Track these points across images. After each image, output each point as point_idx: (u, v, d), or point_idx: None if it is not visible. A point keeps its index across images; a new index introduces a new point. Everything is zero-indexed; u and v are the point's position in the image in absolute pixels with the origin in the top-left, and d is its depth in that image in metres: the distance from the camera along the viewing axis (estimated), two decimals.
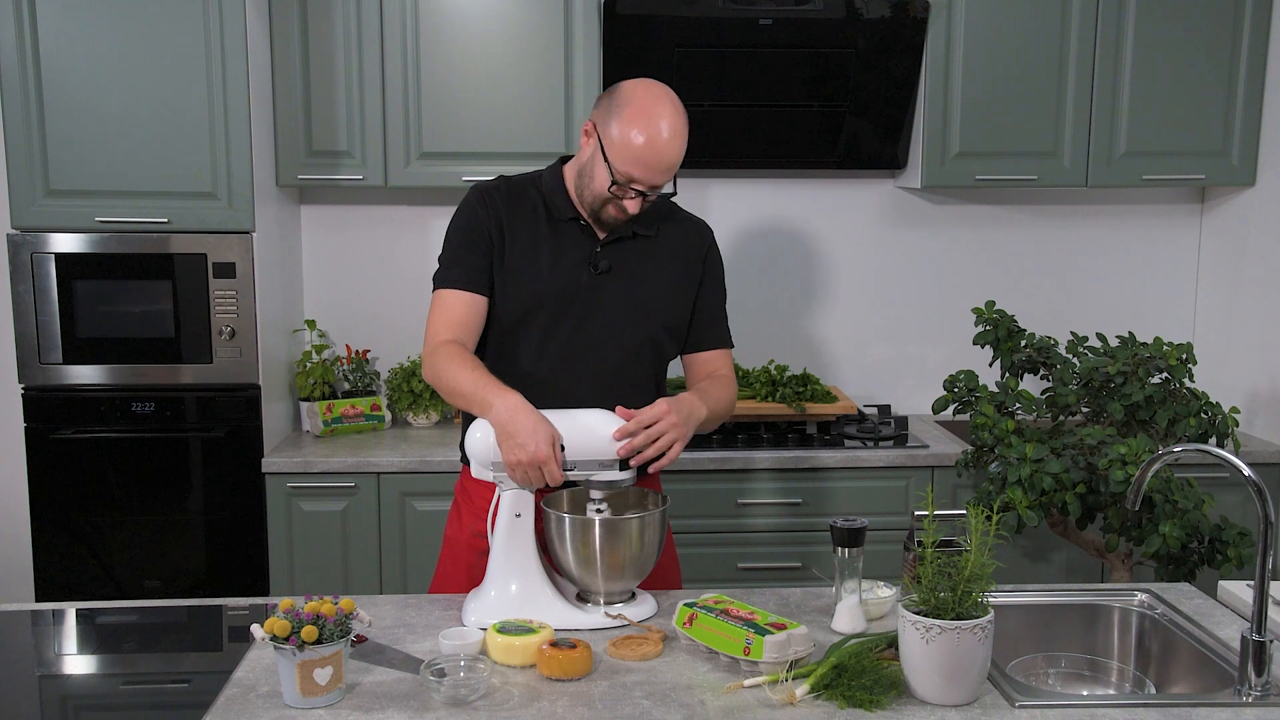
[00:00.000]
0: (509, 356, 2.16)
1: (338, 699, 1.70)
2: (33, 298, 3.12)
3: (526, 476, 1.92)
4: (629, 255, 2.18)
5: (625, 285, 2.17)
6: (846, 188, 3.75)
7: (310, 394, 3.49)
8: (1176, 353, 2.84)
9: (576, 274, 2.15)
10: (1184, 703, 1.71)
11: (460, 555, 2.22)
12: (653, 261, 2.20)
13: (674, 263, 2.22)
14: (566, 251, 2.15)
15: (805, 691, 1.70)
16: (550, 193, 2.18)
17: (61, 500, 3.18)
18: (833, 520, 1.97)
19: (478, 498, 2.19)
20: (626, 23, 3.23)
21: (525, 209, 2.17)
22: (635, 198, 2.07)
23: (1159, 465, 1.86)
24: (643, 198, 2.07)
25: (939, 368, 3.65)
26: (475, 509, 2.19)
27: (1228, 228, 3.68)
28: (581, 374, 2.14)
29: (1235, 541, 2.63)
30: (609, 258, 2.16)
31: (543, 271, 2.14)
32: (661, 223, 2.23)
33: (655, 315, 2.19)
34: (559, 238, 2.16)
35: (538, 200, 2.18)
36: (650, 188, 2.06)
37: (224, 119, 3.09)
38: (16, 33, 3.03)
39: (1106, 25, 3.39)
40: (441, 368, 2.06)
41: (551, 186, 2.19)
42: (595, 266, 2.15)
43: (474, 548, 2.17)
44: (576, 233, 2.16)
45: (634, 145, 2.01)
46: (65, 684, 1.92)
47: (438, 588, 2.25)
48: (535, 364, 2.14)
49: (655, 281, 2.19)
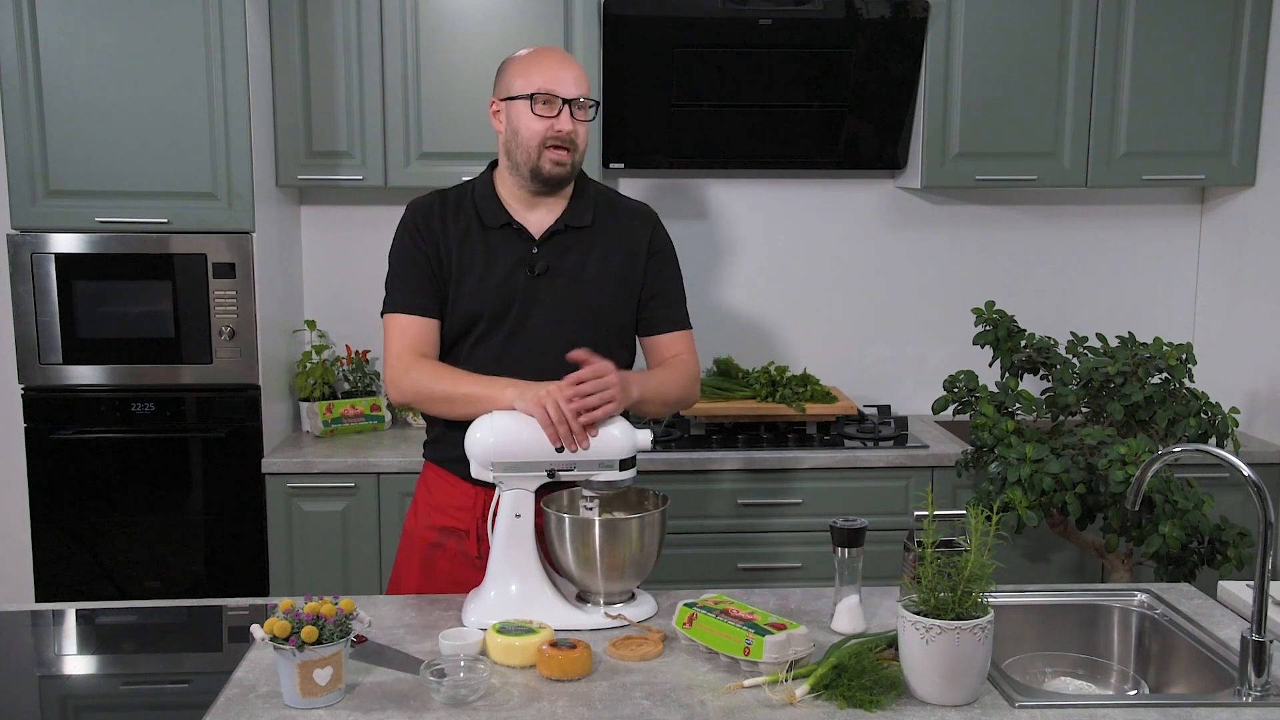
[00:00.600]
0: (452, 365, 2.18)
1: (338, 699, 1.70)
2: (33, 298, 3.12)
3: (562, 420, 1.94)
4: (566, 252, 2.17)
5: (563, 285, 2.16)
6: (846, 188, 3.74)
7: (310, 394, 3.49)
8: (1176, 353, 2.84)
9: (513, 279, 2.15)
10: (1184, 703, 1.71)
11: (414, 548, 2.26)
12: (591, 256, 2.19)
13: (615, 254, 2.20)
14: (502, 257, 2.16)
15: (805, 692, 1.70)
16: (481, 200, 2.19)
17: (61, 500, 3.18)
18: (833, 520, 1.97)
19: (437, 491, 2.23)
20: (626, 23, 3.23)
21: (460, 220, 2.18)
22: (560, 111, 2.09)
23: (1159, 465, 1.86)
24: (569, 112, 2.10)
25: (939, 368, 3.65)
26: (434, 502, 2.23)
27: (1228, 228, 3.68)
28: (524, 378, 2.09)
29: (1235, 542, 2.63)
30: (545, 258, 2.16)
31: (480, 281, 2.15)
32: (599, 213, 2.22)
33: (595, 312, 2.18)
34: (493, 245, 2.17)
35: (471, 210, 2.19)
36: (568, 96, 2.10)
37: (224, 119, 3.09)
38: (16, 33, 3.03)
39: (1106, 25, 3.39)
40: (428, 380, 2.10)
41: (482, 194, 2.20)
42: (532, 269, 2.15)
43: (426, 540, 2.22)
44: (511, 237, 2.17)
45: (532, 68, 2.11)
46: (65, 684, 1.92)
47: (393, 582, 2.30)
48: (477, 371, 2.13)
49: (595, 277, 2.18)
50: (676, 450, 3.24)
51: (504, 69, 2.17)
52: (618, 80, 3.32)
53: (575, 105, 2.11)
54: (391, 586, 2.30)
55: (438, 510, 2.22)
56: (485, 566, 2.06)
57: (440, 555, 2.21)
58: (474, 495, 2.16)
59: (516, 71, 2.13)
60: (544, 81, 2.09)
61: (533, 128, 2.10)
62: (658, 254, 2.25)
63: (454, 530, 2.19)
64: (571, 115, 2.11)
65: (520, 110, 2.11)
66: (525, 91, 2.10)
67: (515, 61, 2.15)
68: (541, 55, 2.14)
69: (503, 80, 2.16)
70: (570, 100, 2.10)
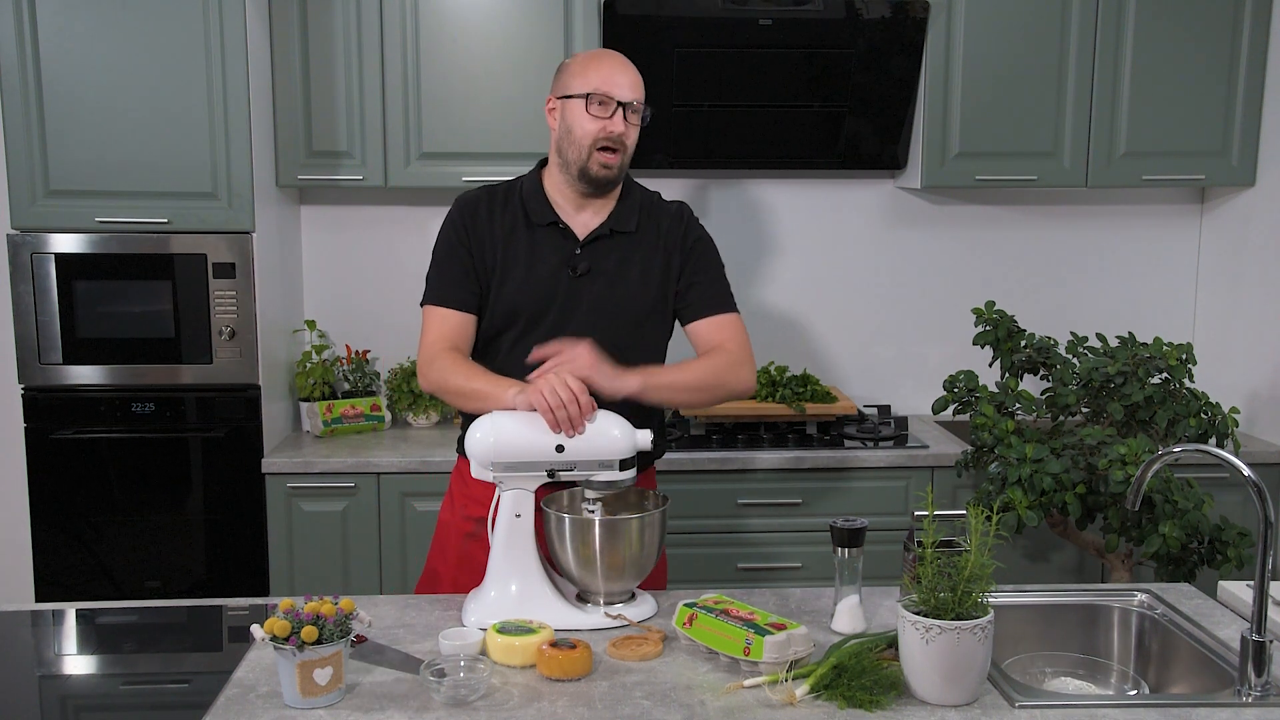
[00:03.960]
0: (489, 363, 2.19)
1: (338, 699, 1.70)
2: (33, 298, 3.12)
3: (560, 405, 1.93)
4: (608, 255, 2.20)
5: (603, 286, 2.18)
6: (846, 188, 3.74)
7: (310, 394, 3.49)
8: (1176, 353, 2.84)
9: (555, 278, 2.18)
10: (1184, 703, 1.71)
11: (450, 539, 2.28)
12: (633, 258, 2.21)
13: (655, 255, 2.23)
14: (545, 256, 2.18)
15: (805, 692, 1.70)
16: (529, 198, 2.22)
17: (61, 500, 3.18)
18: (833, 520, 1.97)
19: (473, 484, 2.21)
20: (626, 23, 3.23)
21: (505, 217, 2.21)
22: (614, 112, 2.12)
23: (1159, 465, 1.86)
24: (622, 114, 2.13)
25: (939, 368, 3.65)
26: (470, 494, 2.23)
27: (1228, 228, 3.68)
28: None
29: (1235, 542, 2.63)
30: (588, 259, 2.19)
31: (522, 278, 2.17)
32: (643, 219, 2.24)
33: (633, 316, 2.20)
34: (537, 243, 2.19)
35: (518, 207, 2.22)
36: (623, 99, 2.12)
37: (224, 119, 3.09)
38: (16, 33, 3.02)
39: (1106, 25, 3.39)
40: (447, 372, 2.12)
41: (530, 191, 2.23)
42: (574, 269, 2.17)
43: (463, 530, 2.24)
44: (555, 236, 2.19)
45: (592, 69, 2.14)
46: (65, 684, 1.92)
47: (429, 572, 2.32)
48: (513, 369, 2.14)
49: (635, 279, 2.20)
50: (676, 450, 3.24)
51: (563, 68, 2.21)
52: None
53: (629, 109, 2.14)
54: (426, 578, 2.32)
55: (473, 501, 2.22)
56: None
57: (476, 546, 2.20)
58: None
59: (575, 71, 2.16)
60: (601, 82, 2.12)
61: (586, 127, 2.13)
62: (694, 244, 2.27)
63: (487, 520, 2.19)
64: (625, 118, 2.14)
65: (575, 109, 2.14)
66: (582, 91, 2.13)
67: (575, 61, 2.19)
68: (602, 57, 2.17)
69: (561, 79, 2.19)
70: (625, 104, 2.13)
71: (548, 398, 1.93)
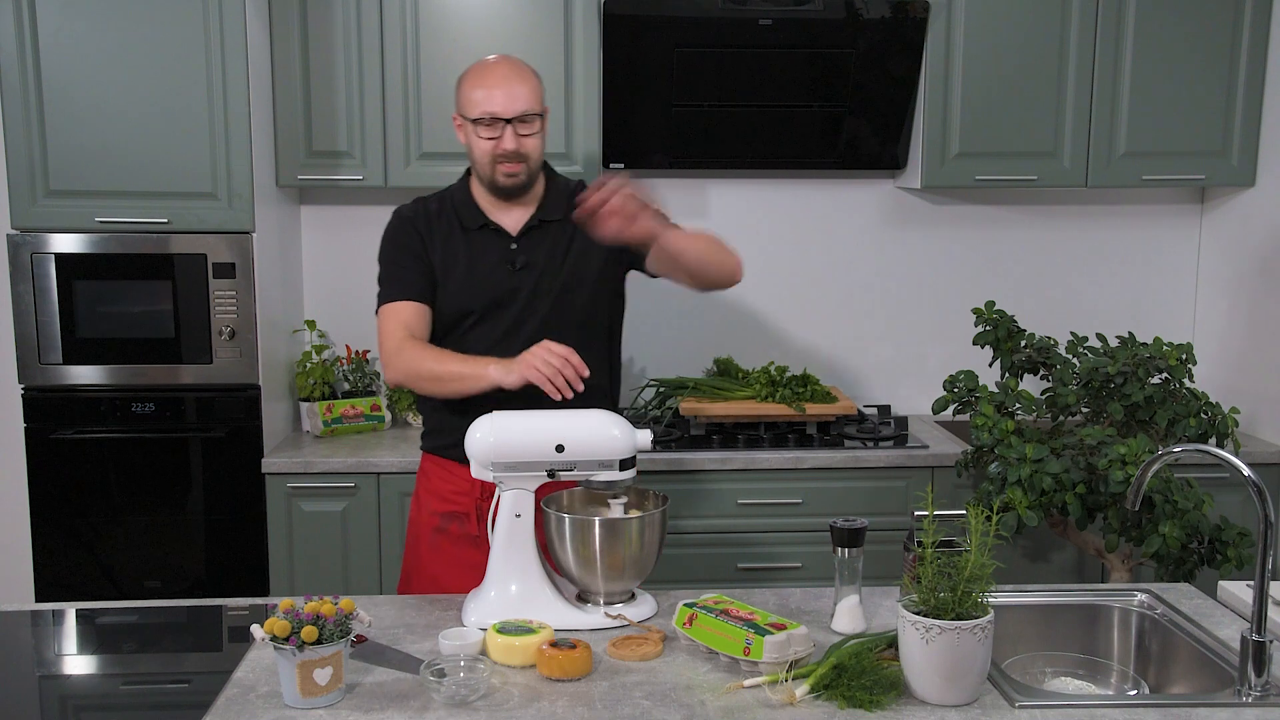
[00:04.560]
0: None
1: (338, 699, 1.70)
2: (33, 298, 3.12)
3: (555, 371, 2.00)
4: (542, 244, 2.27)
5: (542, 275, 2.25)
6: (846, 188, 3.74)
7: (310, 394, 3.49)
8: (1176, 353, 2.84)
9: (496, 275, 2.25)
10: (1184, 703, 1.71)
11: (421, 535, 2.35)
12: (566, 243, 2.27)
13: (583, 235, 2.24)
14: (484, 256, 2.26)
15: (805, 692, 1.70)
16: (460, 205, 2.30)
17: (61, 500, 3.18)
18: (833, 520, 1.97)
19: (436, 479, 2.33)
20: (626, 23, 3.23)
21: (442, 225, 2.29)
22: (503, 131, 2.16)
23: (1159, 465, 1.86)
24: (513, 130, 2.16)
25: (939, 368, 3.65)
26: (433, 489, 2.32)
27: (1228, 228, 3.68)
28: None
29: (1235, 542, 2.63)
30: (524, 253, 2.26)
31: (464, 280, 2.25)
32: (567, 204, 2.28)
33: (576, 294, 2.27)
34: (474, 246, 2.27)
35: (451, 215, 2.30)
36: (511, 115, 2.16)
37: (224, 119, 3.09)
38: (16, 33, 3.02)
39: (1106, 25, 3.39)
40: (417, 359, 2.17)
41: (461, 199, 2.31)
42: (513, 264, 2.25)
43: (430, 526, 2.31)
44: (490, 237, 2.27)
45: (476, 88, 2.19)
46: (65, 684, 1.92)
47: (404, 572, 2.39)
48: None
49: (572, 262, 2.27)
50: (676, 450, 3.24)
51: (458, 85, 2.25)
52: (618, 80, 3.32)
53: (519, 122, 2.18)
54: (402, 579, 2.37)
55: (438, 498, 2.31)
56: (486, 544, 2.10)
57: (444, 539, 2.29)
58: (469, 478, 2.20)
59: (463, 92, 2.23)
60: (484, 105, 2.17)
61: (482, 148, 2.21)
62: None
63: (455, 514, 2.29)
64: (516, 133, 2.18)
65: (469, 131, 2.22)
66: (470, 115, 2.20)
67: (464, 80, 2.23)
68: (484, 74, 2.20)
69: (458, 98, 2.25)
70: (512, 119, 2.17)
71: (541, 368, 1.99)
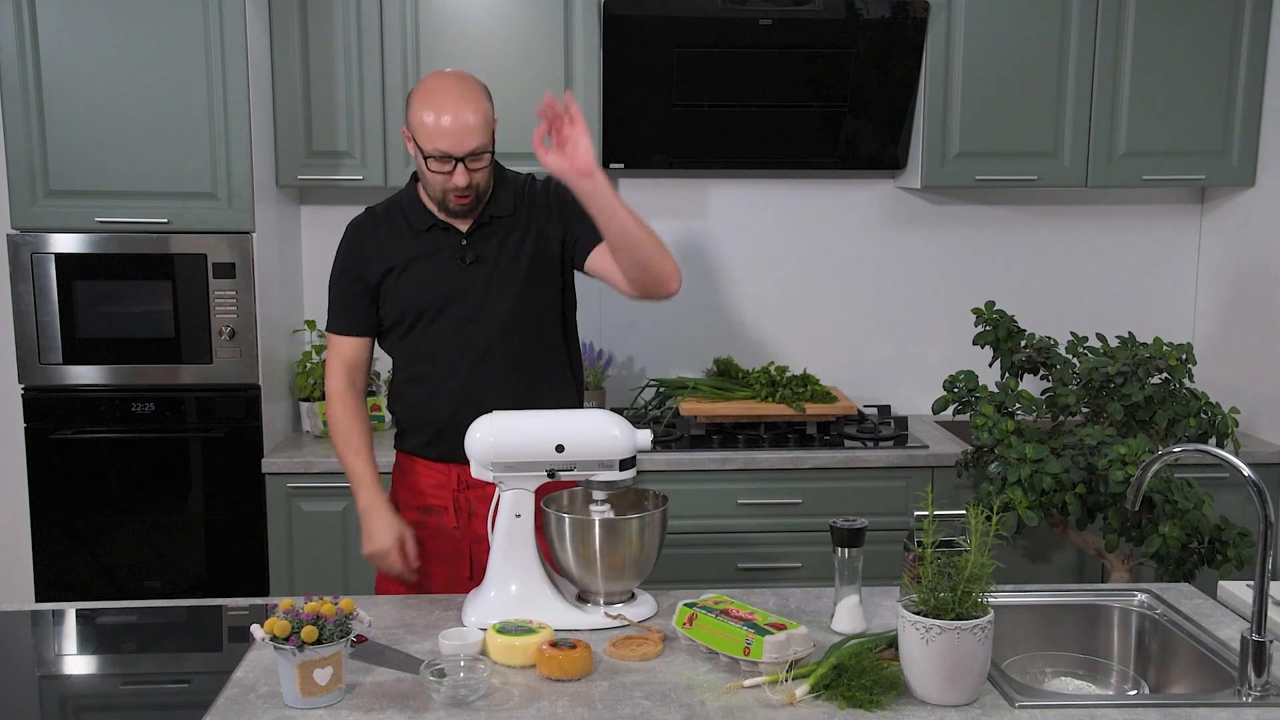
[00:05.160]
0: (401, 360, 2.35)
1: (338, 699, 1.70)
2: (33, 298, 3.12)
3: (381, 563, 2.21)
4: (491, 239, 2.28)
5: (493, 269, 2.27)
6: (846, 188, 3.74)
7: (310, 394, 3.49)
8: (1176, 353, 2.84)
9: (447, 270, 2.27)
10: (1184, 703, 1.71)
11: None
12: (515, 236, 2.28)
13: (534, 228, 2.29)
14: (434, 255, 2.28)
15: (805, 692, 1.70)
16: (409, 209, 2.31)
17: (61, 500, 3.18)
18: (833, 520, 1.97)
19: (411, 476, 2.36)
20: (626, 23, 3.23)
21: (392, 230, 2.31)
22: (454, 168, 2.15)
23: (1159, 465, 1.86)
24: (463, 166, 2.15)
25: (939, 368, 3.65)
26: (409, 485, 2.36)
27: (1228, 228, 3.68)
28: (466, 358, 2.26)
29: (1235, 541, 2.63)
30: (475, 249, 2.27)
31: (416, 277, 2.28)
32: (518, 200, 2.30)
33: (526, 288, 2.27)
34: (425, 244, 2.28)
35: (400, 219, 2.31)
36: (462, 154, 2.14)
37: (224, 119, 3.09)
38: (16, 33, 3.02)
39: (1106, 25, 3.39)
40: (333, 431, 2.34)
41: (408, 202, 2.32)
42: (464, 259, 2.26)
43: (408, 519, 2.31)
44: (439, 236, 2.29)
45: (429, 121, 2.13)
46: (65, 684, 1.92)
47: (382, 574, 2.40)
48: (423, 359, 2.30)
49: (522, 256, 2.28)
50: (676, 450, 3.24)
51: (410, 104, 2.19)
52: (618, 80, 3.32)
53: (470, 158, 2.16)
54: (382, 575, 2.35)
55: (415, 493, 2.35)
56: (464, 536, 2.25)
57: (422, 532, 2.31)
58: (444, 471, 2.31)
59: (415, 114, 2.16)
60: (435, 142, 2.14)
61: (433, 179, 2.20)
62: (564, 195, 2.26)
63: (433, 508, 2.32)
64: (467, 168, 2.17)
65: (420, 157, 2.20)
66: (423, 147, 2.16)
67: (416, 102, 2.17)
68: (435, 109, 2.13)
69: (409, 116, 2.19)
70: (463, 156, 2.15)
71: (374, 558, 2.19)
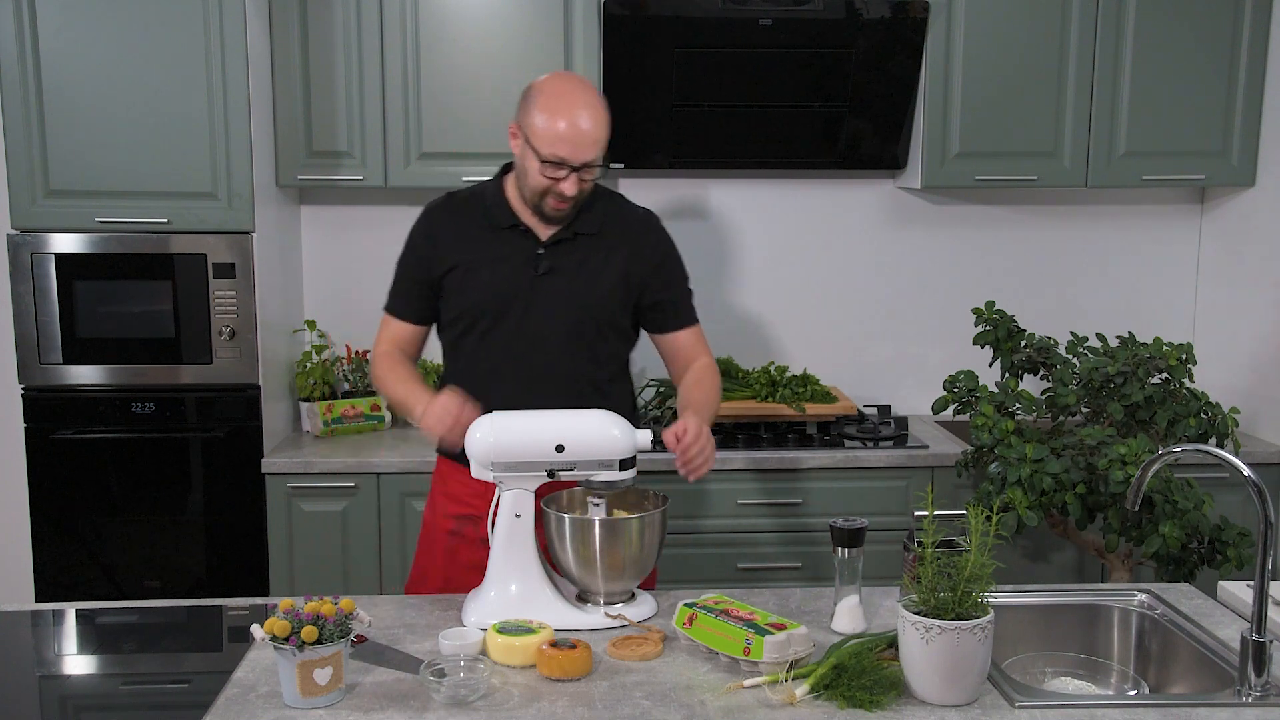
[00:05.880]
0: (455, 357, 2.29)
1: (338, 699, 1.70)
2: (33, 298, 3.12)
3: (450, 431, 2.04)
4: (571, 255, 2.23)
5: (564, 284, 2.22)
6: (846, 188, 3.74)
7: (310, 394, 3.49)
8: (1176, 353, 2.84)
9: (517, 277, 2.22)
10: (1184, 703, 1.71)
11: (436, 538, 2.32)
12: (595, 259, 2.24)
13: (618, 260, 2.25)
14: (508, 257, 2.23)
15: (805, 692, 1.70)
16: (491, 204, 2.26)
17: (61, 500, 3.18)
18: (833, 520, 1.97)
19: (451, 482, 2.30)
20: (626, 23, 3.23)
21: (468, 221, 2.26)
22: (567, 176, 2.11)
23: (1159, 465, 1.86)
24: (576, 175, 2.12)
25: (939, 368, 3.65)
26: (449, 492, 2.30)
27: (1228, 228, 3.68)
28: (520, 371, 2.22)
29: (1235, 542, 2.63)
30: (551, 259, 2.22)
31: (484, 280, 2.23)
32: (606, 221, 2.27)
33: (594, 313, 2.24)
34: (500, 245, 2.23)
35: (480, 212, 2.26)
36: (578, 164, 2.11)
37: (224, 119, 3.09)
38: (16, 33, 3.02)
39: (1106, 25, 3.38)
40: (381, 379, 2.27)
41: (492, 196, 2.27)
42: (536, 268, 2.21)
43: (445, 529, 2.29)
44: (518, 238, 2.23)
45: (553, 126, 2.09)
46: (65, 684, 1.92)
47: (416, 572, 2.36)
48: (475, 364, 2.25)
49: (596, 277, 2.24)
50: None
51: (529, 103, 2.13)
52: (618, 80, 3.32)
53: (584, 168, 2.13)
54: (415, 578, 2.35)
55: (453, 500, 2.29)
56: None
57: (460, 543, 2.26)
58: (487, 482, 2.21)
59: (537, 121, 2.10)
60: (555, 149, 2.09)
61: (538, 180, 2.14)
62: (663, 259, 2.31)
63: (470, 517, 2.25)
64: (579, 178, 2.13)
65: (530, 158, 2.13)
66: (539, 150, 2.10)
67: (538, 108, 2.11)
68: (567, 115, 2.09)
69: (525, 115, 2.14)
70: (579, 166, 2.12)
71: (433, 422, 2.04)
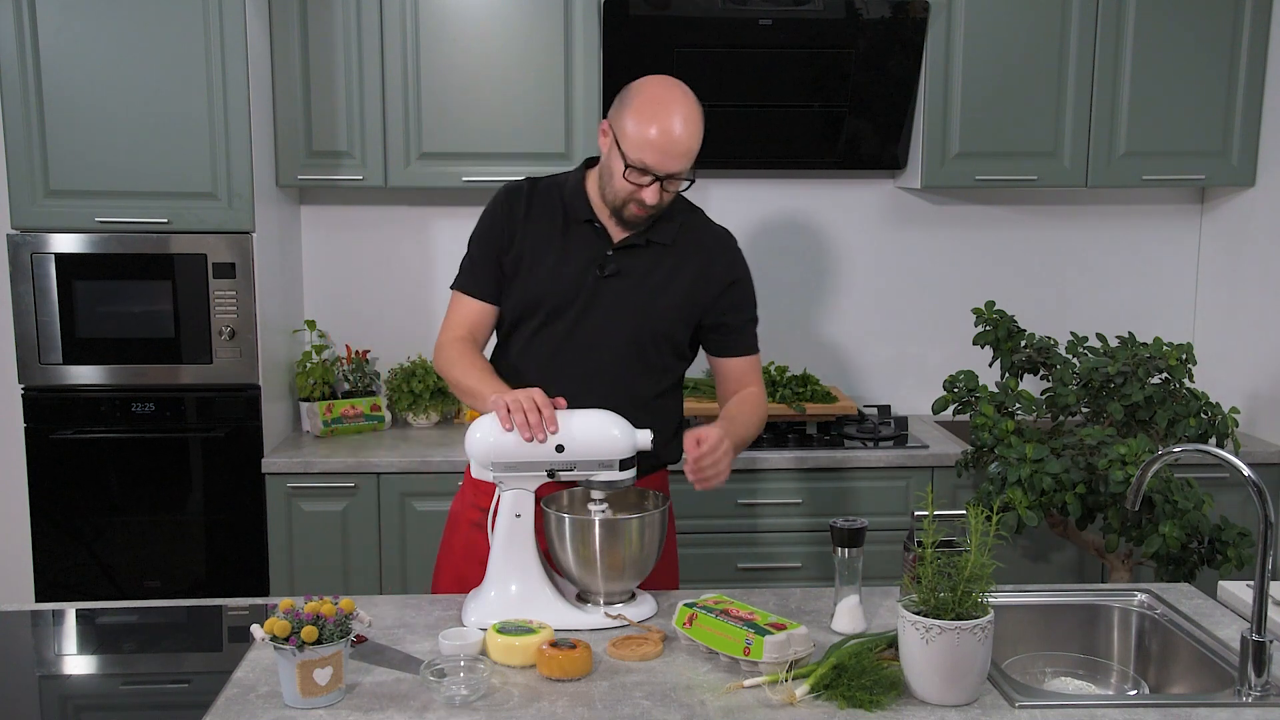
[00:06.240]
0: (505, 351, 2.25)
1: (338, 699, 1.70)
2: (33, 298, 3.12)
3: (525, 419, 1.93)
4: (640, 261, 2.19)
5: (628, 289, 2.17)
6: (846, 188, 3.74)
7: (310, 394, 3.49)
8: (1176, 353, 2.84)
9: (581, 276, 2.17)
10: (1184, 703, 1.71)
11: (459, 528, 2.30)
12: (663, 269, 2.20)
13: (687, 274, 2.21)
14: (576, 254, 2.18)
15: (805, 692, 1.70)
16: (570, 195, 2.21)
17: (61, 500, 3.18)
18: (833, 520, 1.97)
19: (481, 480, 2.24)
20: (626, 22, 3.23)
21: (545, 210, 2.21)
22: (651, 184, 2.07)
23: (1159, 465, 1.86)
24: (659, 185, 2.08)
25: (939, 368, 3.65)
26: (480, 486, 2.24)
27: (1228, 228, 3.68)
28: (567, 373, 2.16)
29: (1235, 541, 2.63)
30: (618, 262, 2.18)
31: (548, 272, 2.17)
32: (682, 233, 2.22)
33: (654, 323, 2.19)
34: (571, 240, 2.19)
35: (558, 202, 2.21)
36: (664, 174, 2.06)
37: (224, 119, 3.09)
38: (16, 33, 3.02)
39: (1106, 25, 3.39)
40: (449, 363, 2.17)
41: (572, 187, 2.22)
42: (602, 269, 2.17)
43: (469, 519, 2.26)
44: (590, 235, 2.19)
45: (644, 131, 2.04)
46: (65, 684, 1.92)
47: (440, 561, 2.34)
48: (525, 360, 2.20)
49: (661, 289, 2.19)
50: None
51: (624, 103, 2.09)
52: (618, 80, 3.30)
53: (670, 179, 2.09)
54: (436, 571, 2.33)
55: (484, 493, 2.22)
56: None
57: (482, 537, 2.21)
58: None
59: (629, 124, 2.05)
60: (642, 155, 2.04)
61: (623, 183, 2.09)
62: (735, 282, 2.27)
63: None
64: (663, 188, 2.09)
65: (616, 159, 2.09)
66: (626, 154, 2.06)
67: (632, 111, 2.06)
68: (654, 122, 2.04)
69: (618, 116, 2.09)
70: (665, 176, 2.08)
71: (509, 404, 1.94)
